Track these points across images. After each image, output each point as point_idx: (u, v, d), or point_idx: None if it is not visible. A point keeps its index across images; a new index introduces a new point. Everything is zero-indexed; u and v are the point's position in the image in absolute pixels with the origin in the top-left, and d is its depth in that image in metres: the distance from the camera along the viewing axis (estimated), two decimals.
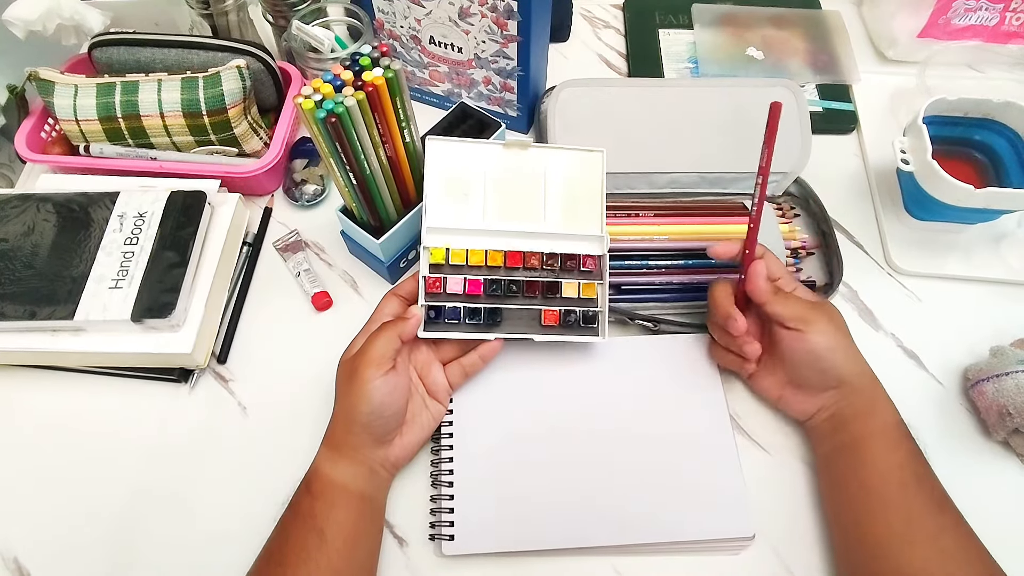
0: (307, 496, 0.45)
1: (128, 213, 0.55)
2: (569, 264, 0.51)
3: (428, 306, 0.49)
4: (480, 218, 0.51)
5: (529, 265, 0.51)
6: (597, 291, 0.52)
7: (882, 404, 0.46)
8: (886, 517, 0.43)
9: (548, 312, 0.50)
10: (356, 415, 0.44)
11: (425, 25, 0.62)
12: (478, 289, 0.50)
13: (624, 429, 0.51)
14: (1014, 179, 0.57)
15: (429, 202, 0.51)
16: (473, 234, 0.51)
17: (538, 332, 0.50)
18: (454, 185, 0.51)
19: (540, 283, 0.51)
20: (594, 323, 0.51)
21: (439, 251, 0.50)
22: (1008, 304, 0.58)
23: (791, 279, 0.50)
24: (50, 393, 0.54)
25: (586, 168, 0.53)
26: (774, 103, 0.48)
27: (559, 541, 0.47)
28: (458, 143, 0.52)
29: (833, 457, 0.47)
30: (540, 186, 0.52)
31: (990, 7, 0.69)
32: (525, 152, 0.52)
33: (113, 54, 0.62)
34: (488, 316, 0.50)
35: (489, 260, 0.51)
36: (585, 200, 0.52)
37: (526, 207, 0.52)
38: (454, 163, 0.52)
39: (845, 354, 0.47)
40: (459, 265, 0.51)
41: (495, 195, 0.52)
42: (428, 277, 0.50)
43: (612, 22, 0.79)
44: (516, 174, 0.52)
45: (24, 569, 0.48)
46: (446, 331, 0.49)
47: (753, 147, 0.61)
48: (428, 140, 0.51)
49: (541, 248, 0.52)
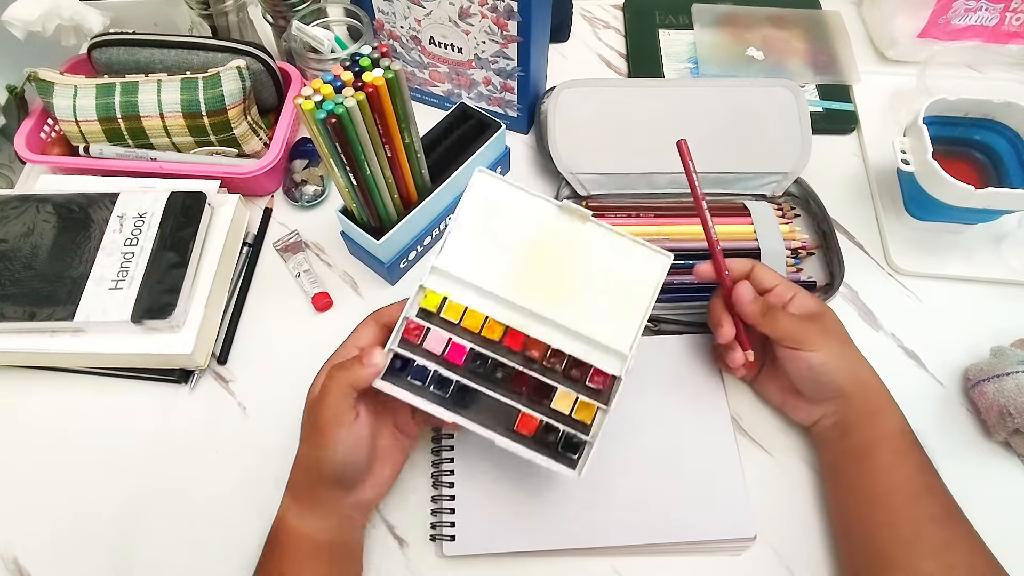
0: (273, 556, 0.42)
1: (128, 214, 0.55)
2: (574, 372, 0.43)
3: (397, 353, 0.43)
4: (497, 279, 0.44)
5: (528, 354, 0.43)
6: (595, 417, 0.42)
7: (888, 411, 0.46)
8: (894, 528, 0.42)
9: (525, 418, 0.42)
10: (321, 469, 0.41)
11: (425, 25, 0.62)
12: (459, 357, 0.43)
13: (624, 429, 0.51)
14: (1014, 179, 0.57)
15: (451, 240, 0.44)
16: (481, 293, 0.44)
17: (503, 435, 0.41)
18: (485, 230, 0.45)
19: (531, 380, 0.43)
20: (575, 452, 0.41)
21: (435, 297, 0.44)
22: (1008, 304, 0.58)
23: (788, 286, 0.48)
24: (50, 393, 0.54)
25: (642, 269, 0.45)
26: (680, 140, 0.47)
27: (560, 542, 0.47)
28: (510, 185, 0.45)
29: (839, 464, 0.47)
30: (581, 269, 0.44)
31: (990, 7, 0.69)
32: (582, 224, 0.45)
33: (113, 55, 0.62)
34: (456, 393, 0.42)
35: (485, 330, 0.44)
36: (626, 307, 0.44)
37: (554, 286, 0.44)
38: (495, 206, 0.45)
39: (844, 366, 0.46)
40: (451, 321, 0.44)
41: (525, 259, 0.44)
42: (411, 321, 0.44)
43: (612, 22, 0.79)
44: (559, 244, 0.45)
45: (24, 569, 0.48)
46: (404, 390, 0.42)
47: (753, 147, 0.61)
48: (477, 172, 0.45)
49: (550, 340, 0.44)
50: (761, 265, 0.49)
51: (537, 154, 0.67)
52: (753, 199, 0.61)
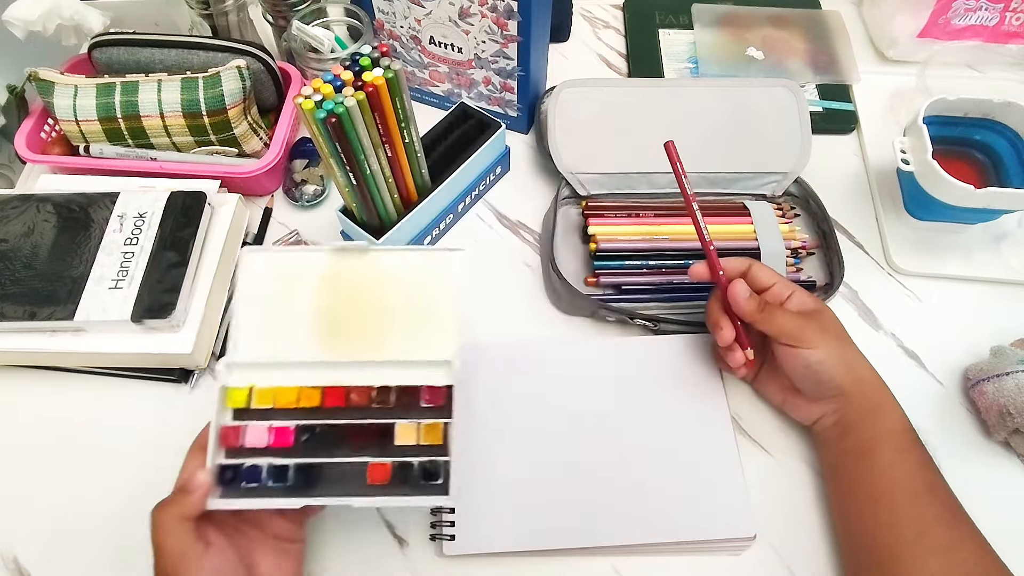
0: None
1: (128, 213, 0.55)
2: (405, 399, 0.41)
3: (222, 466, 0.39)
4: (298, 346, 0.41)
5: (354, 404, 0.40)
6: (444, 434, 0.40)
7: (888, 409, 0.45)
8: (897, 528, 0.42)
9: (375, 467, 0.39)
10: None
11: (425, 25, 0.62)
12: (287, 440, 0.40)
13: (624, 429, 0.51)
14: (1014, 179, 0.57)
15: (238, 332, 0.41)
16: (286, 367, 0.41)
17: (360, 493, 0.39)
18: (270, 304, 0.42)
19: (369, 428, 0.40)
20: (438, 478, 0.39)
21: (240, 392, 0.40)
22: (1008, 304, 0.58)
23: (785, 285, 0.48)
24: (50, 393, 0.54)
25: (437, 272, 0.43)
26: (667, 142, 0.48)
27: (560, 541, 0.47)
28: (279, 252, 0.44)
29: (841, 463, 0.47)
30: (378, 299, 0.43)
31: (990, 7, 0.69)
32: (363, 257, 0.43)
33: (113, 54, 0.62)
34: (298, 476, 0.39)
35: (303, 400, 0.40)
36: (433, 316, 0.42)
37: (358, 327, 0.42)
38: (274, 278, 0.42)
39: (842, 364, 0.46)
40: (264, 409, 0.40)
41: (320, 314, 0.42)
42: (224, 427, 0.40)
43: (612, 22, 0.79)
44: (349, 285, 0.43)
45: (24, 569, 0.48)
46: (244, 497, 0.38)
47: (753, 147, 0.61)
48: (243, 252, 0.43)
49: (371, 380, 0.41)
50: (758, 264, 0.49)
51: (537, 154, 0.67)
52: (753, 199, 0.61)
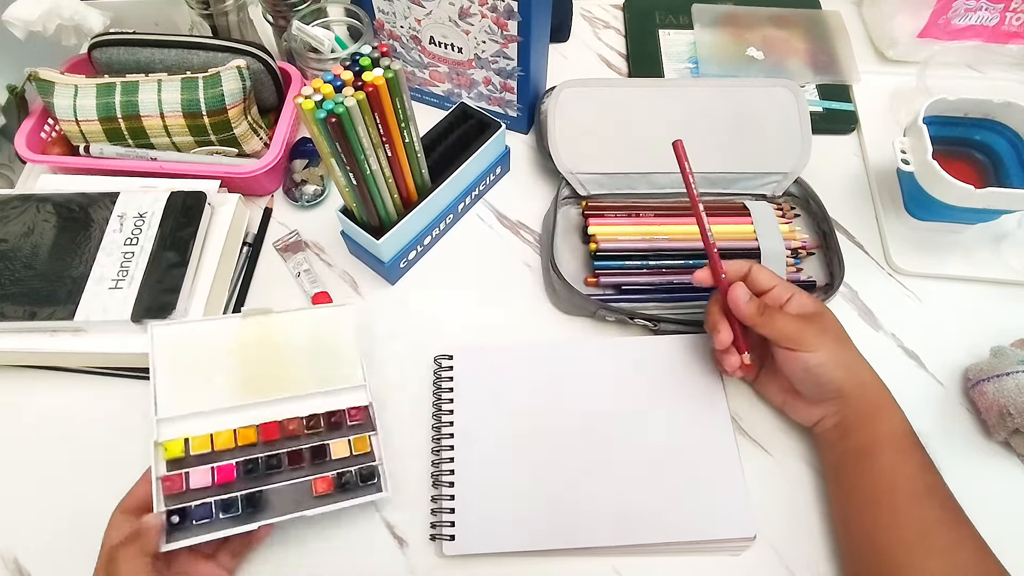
0: None
1: (128, 213, 0.55)
2: (334, 421, 0.48)
3: (171, 511, 0.43)
4: (225, 396, 0.47)
5: (289, 433, 0.47)
6: (371, 443, 0.48)
7: (888, 412, 0.45)
8: (897, 529, 0.42)
9: (319, 481, 0.45)
10: None
11: (425, 25, 0.62)
12: (230, 475, 0.45)
13: (624, 429, 0.51)
14: (1014, 179, 0.57)
15: (160, 393, 0.47)
16: (216, 414, 0.47)
17: (310, 505, 0.45)
18: (187, 366, 0.48)
19: (305, 450, 0.46)
20: (373, 479, 0.46)
21: (175, 444, 0.45)
22: (1008, 304, 0.58)
23: (785, 287, 0.48)
24: (50, 393, 0.54)
25: (336, 324, 0.51)
26: (676, 141, 0.48)
27: (560, 541, 0.47)
28: (188, 325, 0.50)
29: (841, 465, 0.47)
30: (290, 348, 0.50)
31: (990, 7, 0.69)
32: (266, 318, 0.50)
33: (113, 54, 0.62)
34: (247, 503, 0.44)
35: (240, 439, 0.46)
36: (341, 354, 0.50)
37: (278, 374, 0.49)
38: (188, 347, 0.49)
39: (842, 367, 0.46)
40: (204, 454, 0.46)
41: (240, 368, 0.48)
42: (165, 478, 0.44)
43: (612, 22, 0.79)
44: (262, 342, 0.50)
45: (24, 569, 0.48)
46: (197, 535, 0.43)
47: (753, 147, 0.61)
48: (152, 327, 0.48)
49: (299, 411, 0.48)
50: (758, 266, 0.49)
51: (537, 154, 0.67)
52: (753, 199, 0.61)
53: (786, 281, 0.49)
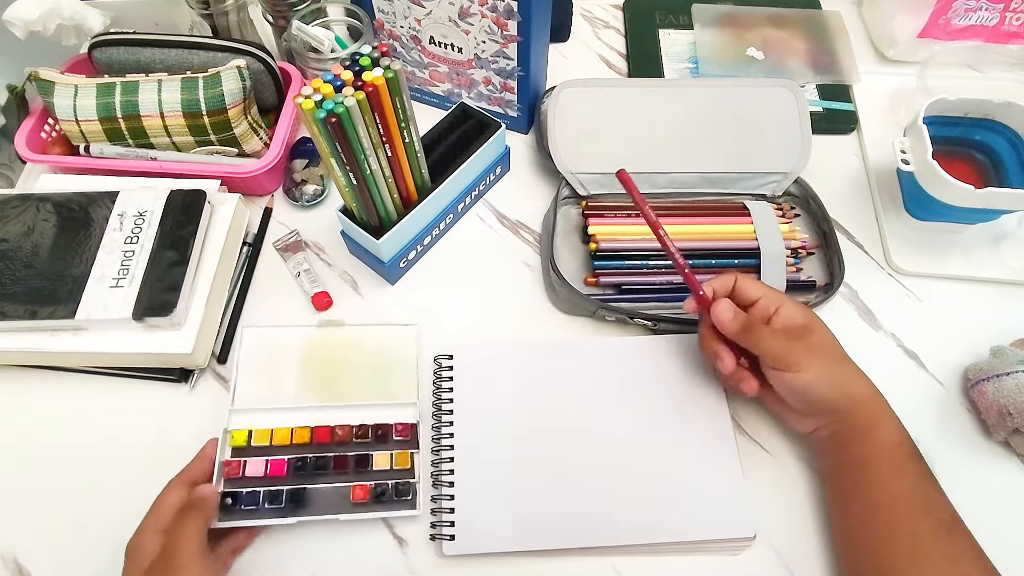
0: None
1: (128, 212, 0.55)
2: (381, 433, 0.50)
3: (225, 493, 0.47)
4: (290, 395, 0.52)
5: (338, 439, 0.49)
6: (412, 460, 0.49)
7: (883, 422, 0.44)
8: (894, 544, 0.42)
9: (357, 488, 0.47)
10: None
11: (425, 25, 0.62)
12: (281, 470, 0.48)
13: (624, 429, 0.51)
14: (1014, 179, 0.57)
15: (239, 385, 0.52)
16: (279, 412, 0.51)
17: (346, 510, 0.47)
18: (265, 366, 0.53)
19: (350, 457, 0.49)
20: (408, 495, 0.48)
21: (241, 434, 0.49)
22: (1008, 304, 0.58)
23: (773, 298, 0.47)
24: (50, 393, 0.54)
25: (401, 342, 0.54)
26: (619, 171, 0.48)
27: (560, 541, 0.47)
28: (271, 329, 0.55)
29: (837, 475, 0.46)
30: (355, 359, 0.54)
31: (990, 7, 0.69)
32: (339, 329, 0.55)
33: (113, 54, 0.62)
34: (290, 498, 0.47)
35: (295, 438, 0.49)
36: (399, 371, 0.53)
37: (339, 381, 0.52)
38: (267, 347, 0.53)
39: (832, 386, 0.44)
40: (263, 446, 0.49)
41: (307, 372, 0.53)
42: (227, 462, 0.48)
43: (612, 22, 0.79)
44: (331, 350, 0.54)
45: (24, 569, 0.48)
46: (243, 519, 0.46)
47: (753, 147, 0.61)
48: (243, 329, 0.54)
49: (352, 420, 0.50)
50: (744, 277, 0.48)
51: (537, 154, 0.67)
52: (753, 199, 0.62)
53: (774, 290, 0.48)
